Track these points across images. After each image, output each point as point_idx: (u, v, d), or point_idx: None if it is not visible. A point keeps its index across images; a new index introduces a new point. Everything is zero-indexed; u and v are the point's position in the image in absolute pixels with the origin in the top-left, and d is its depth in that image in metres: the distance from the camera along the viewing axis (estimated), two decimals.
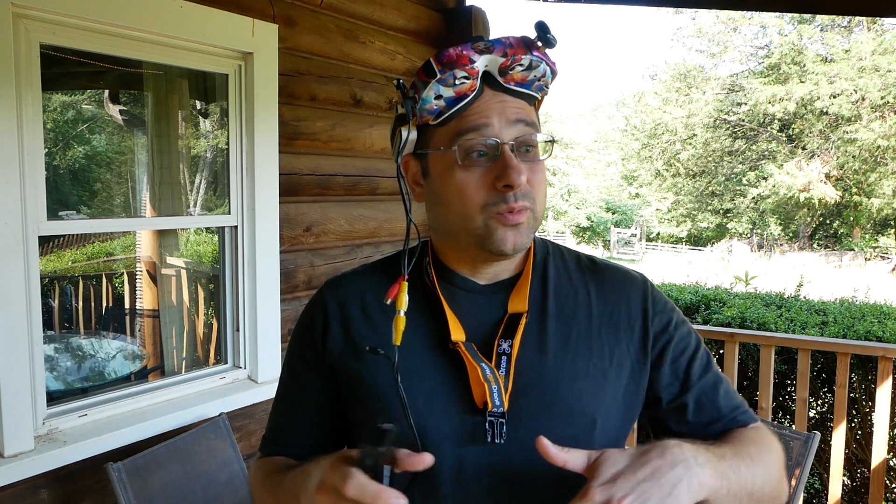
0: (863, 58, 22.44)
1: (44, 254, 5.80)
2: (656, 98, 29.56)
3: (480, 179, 0.77)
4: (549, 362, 0.81)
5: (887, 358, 2.75)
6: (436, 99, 0.77)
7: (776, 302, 4.11)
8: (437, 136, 0.80)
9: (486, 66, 0.77)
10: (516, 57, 0.76)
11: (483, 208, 0.77)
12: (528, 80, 0.79)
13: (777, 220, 29.27)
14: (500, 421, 0.77)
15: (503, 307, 0.83)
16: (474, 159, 0.77)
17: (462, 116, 0.78)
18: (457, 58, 0.76)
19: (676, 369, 0.85)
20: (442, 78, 0.76)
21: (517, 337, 0.80)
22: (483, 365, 0.78)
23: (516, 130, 0.77)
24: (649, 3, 4.16)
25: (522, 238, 0.78)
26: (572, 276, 0.88)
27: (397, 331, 0.77)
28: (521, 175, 0.75)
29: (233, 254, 2.36)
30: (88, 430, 1.90)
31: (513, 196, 0.76)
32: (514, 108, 0.78)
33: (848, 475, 3.34)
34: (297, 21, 2.41)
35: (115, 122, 4.56)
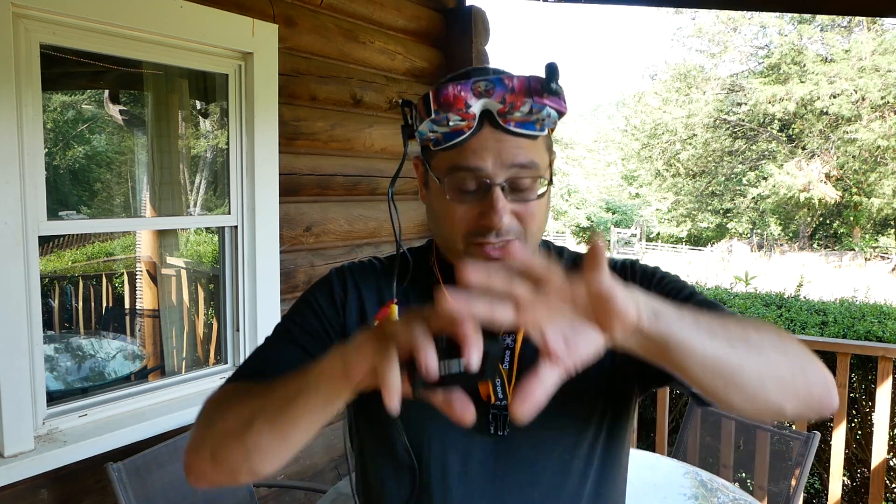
0: (863, 58, 22.44)
1: (44, 254, 5.80)
2: (656, 98, 29.55)
3: (467, 211, 0.78)
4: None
5: (887, 358, 2.75)
6: (431, 133, 0.78)
7: (776, 302, 4.11)
8: (436, 159, 0.81)
9: (483, 108, 0.76)
10: (515, 104, 0.75)
11: (465, 236, 0.78)
12: (531, 120, 0.77)
13: (777, 220, 29.26)
14: (504, 413, 0.79)
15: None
16: (463, 192, 0.78)
17: (458, 150, 0.77)
18: (454, 100, 0.75)
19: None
20: (436, 119, 0.75)
21: (520, 332, 0.81)
22: None
23: (511, 172, 0.77)
24: (649, 3, 4.16)
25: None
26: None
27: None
28: (502, 218, 0.75)
29: (233, 254, 2.36)
30: (88, 430, 1.90)
31: (493, 234, 0.76)
32: (514, 147, 0.77)
33: (848, 475, 3.34)
34: (297, 21, 2.41)
35: (115, 122, 4.56)
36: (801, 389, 0.68)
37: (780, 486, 2.15)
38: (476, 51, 3.07)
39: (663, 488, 1.86)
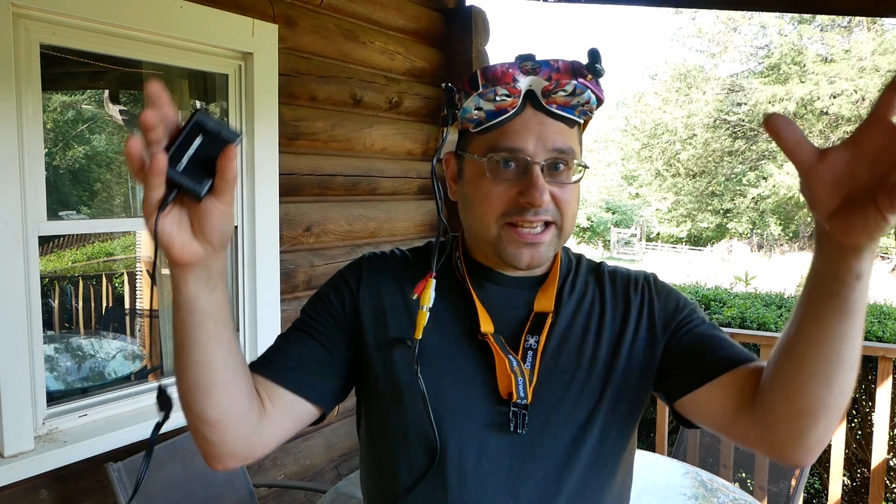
0: (863, 58, 22.45)
1: (44, 254, 5.79)
2: (656, 98, 29.55)
3: (505, 191, 0.79)
4: (568, 351, 0.85)
5: (887, 358, 2.75)
6: (476, 110, 0.80)
7: (776, 302, 4.11)
8: (475, 143, 0.83)
9: (529, 86, 0.79)
10: (560, 82, 0.77)
11: (498, 218, 0.80)
12: (572, 104, 0.80)
13: (777, 220, 29.26)
14: (524, 412, 0.81)
15: (529, 304, 0.87)
16: (503, 170, 0.79)
17: (500, 130, 0.79)
18: (501, 75, 0.77)
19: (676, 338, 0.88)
20: (483, 92, 0.78)
21: (543, 333, 0.84)
22: (510, 357, 0.82)
23: (551, 155, 0.79)
24: (649, 3, 4.16)
25: (541, 256, 0.81)
26: (588, 280, 0.93)
27: (419, 325, 0.80)
28: (543, 195, 0.77)
29: (233, 254, 2.36)
30: (88, 430, 1.90)
31: (532, 212, 0.78)
32: (553, 132, 0.79)
33: (848, 475, 3.34)
34: (297, 21, 2.41)
35: (115, 122, 4.55)
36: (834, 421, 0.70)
37: (780, 486, 2.15)
38: (476, 51, 3.07)
39: (663, 488, 1.86)
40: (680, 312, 0.89)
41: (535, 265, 0.82)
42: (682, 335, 0.87)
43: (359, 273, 0.91)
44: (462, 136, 0.86)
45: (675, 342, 0.87)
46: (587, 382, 0.85)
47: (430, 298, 0.80)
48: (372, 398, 0.89)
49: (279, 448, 2.48)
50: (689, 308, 0.90)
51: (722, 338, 0.86)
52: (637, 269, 0.97)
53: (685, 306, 0.90)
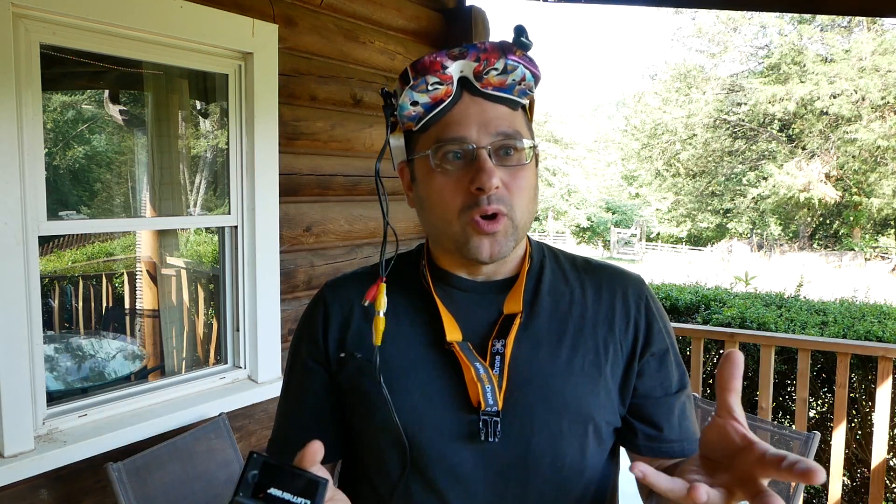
0: (863, 58, 22.45)
1: (44, 254, 5.80)
2: (656, 98, 29.56)
3: (457, 183, 0.77)
4: (543, 358, 0.82)
5: (887, 358, 2.75)
6: (412, 105, 0.78)
7: (776, 302, 4.11)
8: (420, 142, 0.81)
9: (461, 71, 0.77)
10: (489, 61, 0.76)
11: (460, 213, 0.77)
12: (507, 84, 0.78)
13: (777, 220, 29.26)
14: (495, 420, 0.78)
15: (498, 307, 0.84)
16: (451, 161, 0.78)
17: (441, 123, 0.78)
18: (430, 64, 0.76)
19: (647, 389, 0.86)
20: (415, 84, 0.77)
21: (510, 336, 0.80)
22: (477, 364, 0.79)
23: (496, 140, 0.77)
24: (649, 3, 4.15)
25: (500, 247, 0.78)
26: (568, 276, 0.89)
27: (377, 332, 0.79)
28: (492, 178, 0.75)
29: (233, 254, 2.36)
30: (88, 430, 1.90)
31: (486, 199, 0.76)
32: (495, 116, 0.78)
33: (848, 475, 3.34)
34: (297, 21, 2.41)
35: (115, 122, 4.56)
36: None
37: (780, 486, 2.15)
38: None
39: None
40: (663, 353, 0.87)
41: (497, 257, 0.79)
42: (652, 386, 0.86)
43: (325, 309, 0.89)
44: (408, 142, 0.84)
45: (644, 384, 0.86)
46: (566, 390, 0.81)
47: (383, 303, 0.79)
48: (347, 417, 0.88)
49: None
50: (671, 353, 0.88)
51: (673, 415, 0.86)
52: (627, 270, 0.93)
53: (670, 347, 0.88)
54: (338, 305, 0.89)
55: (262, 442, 2.41)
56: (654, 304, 0.89)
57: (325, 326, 0.88)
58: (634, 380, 0.85)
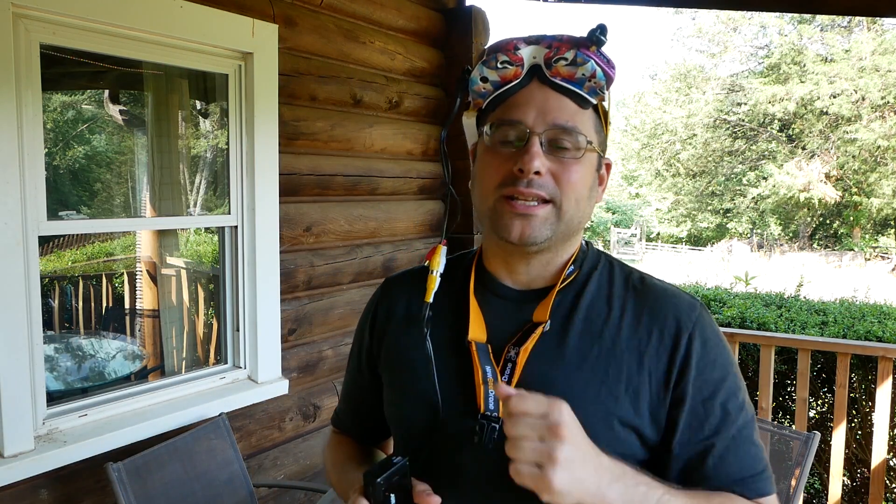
0: (863, 58, 22.44)
1: (44, 254, 5.81)
2: (656, 98, 29.55)
3: (504, 163, 0.78)
4: (559, 379, 0.78)
5: (887, 358, 2.75)
6: (482, 81, 0.81)
7: (776, 302, 4.11)
8: (485, 122, 0.82)
9: (533, 56, 0.78)
10: (560, 50, 0.77)
11: (495, 189, 0.78)
12: (577, 77, 0.78)
13: (777, 220, 29.25)
14: (493, 425, 0.75)
15: (530, 316, 0.83)
16: (504, 143, 0.79)
17: (505, 104, 0.80)
18: (504, 44, 0.79)
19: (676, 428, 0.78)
20: (486, 59, 0.79)
21: (527, 344, 0.79)
22: (487, 367, 0.78)
23: (553, 131, 0.77)
24: (649, 3, 4.15)
25: (533, 230, 0.76)
26: (614, 293, 0.83)
27: (429, 289, 0.85)
28: (534, 161, 0.75)
29: (233, 254, 2.36)
30: (88, 430, 1.90)
31: (524, 182, 0.75)
32: (556, 106, 0.78)
33: (848, 475, 3.34)
34: (297, 21, 2.41)
35: (115, 122, 4.56)
36: None
37: (780, 486, 2.15)
38: (476, 51, 3.07)
39: None
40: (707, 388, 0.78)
41: (528, 240, 0.76)
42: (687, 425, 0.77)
43: (375, 307, 0.97)
44: (478, 122, 0.85)
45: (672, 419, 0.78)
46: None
47: (439, 263, 0.85)
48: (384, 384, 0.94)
49: (279, 448, 2.49)
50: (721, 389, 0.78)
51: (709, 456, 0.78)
52: (682, 293, 0.83)
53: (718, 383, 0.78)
54: (385, 307, 0.95)
55: (262, 442, 2.41)
56: (703, 335, 0.79)
57: (372, 323, 0.95)
58: (665, 415, 0.78)
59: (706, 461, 0.78)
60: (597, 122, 0.81)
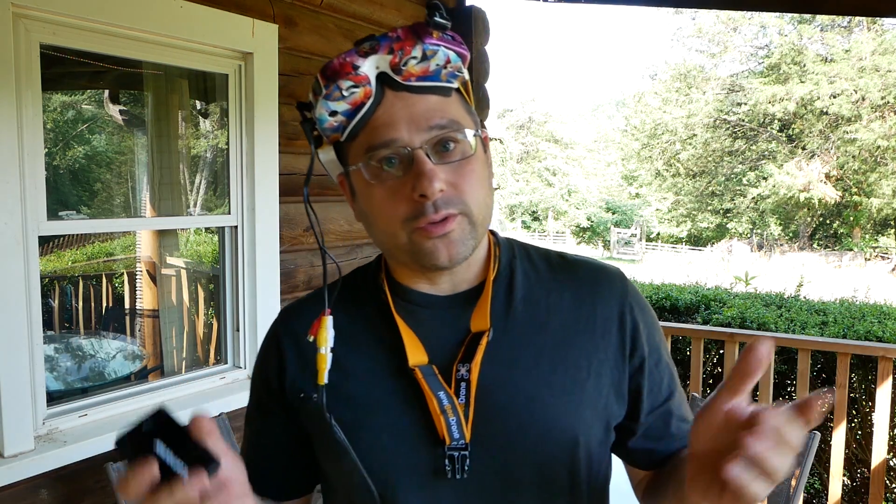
0: (863, 58, 22.45)
1: (44, 254, 5.79)
2: (656, 98, 29.57)
3: (398, 192, 0.69)
4: (520, 380, 0.73)
5: (887, 358, 2.75)
6: (331, 116, 0.70)
7: (776, 302, 4.11)
8: (351, 152, 0.73)
9: (376, 67, 0.69)
10: (405, 50, 0.68)
11: (404, 223, 0.69)
12: (431, 71, 0.69)
13: (777, 220, 29.27)
14: (463, 454, 0.70)
15: (466, 324, 0.75)
16: (386, 171, 0.69)
17: (368, 127, 0.70)
18: (339, 67, 0.68)
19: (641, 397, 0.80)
20: (327, 93, 0.68)
21: (476, 359, 0.72)
22: (441, 394, 0.71)
23: (431, 135, 0.69)
24: (649, 3, 4.16)
25: (457, 248, 0.70)
26: (543, 277, 0.80)
27: (320, 371, 0.71)
28: (433, 182, 0.66)
29: (233, 254, 2.36)
30: (88, 430, 1.90)
31: (431, 206, 0.67)
32: (425, 109, 0.69)
33: (848, 475, 3.34)
34: (297, 21, 2.41)
35: (115, 122, 4.56)
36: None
37: (780, 486, 2.15)
38: (476, 51, 3.07)
39: None
40: (655, 352, 0.80)
41: (456, 260, 0.70)
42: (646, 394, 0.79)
43: (278, 346, 0.81)
44: (339, 152, 0.75)
45: (636, 392, 0.79)
46: (544, 421, 0.73)
47: (326, 339, 0.72)
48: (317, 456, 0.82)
49: None
50: (661, 354, 0.82)
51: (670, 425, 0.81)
52: (605, 265, 0.84)
53: (660, 346, 0.82)
54: (290, 339, 0.80)
55: None
56: (637, 301, 0.81)
57: (279, 364, 0.80)
58: (626, 388, 0.79)
59: (670, 425, 0.81)
60: (464, 103, 0.75)
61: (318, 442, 0.78)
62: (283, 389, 0.79)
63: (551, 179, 41.57)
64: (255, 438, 0.85)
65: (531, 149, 43.78)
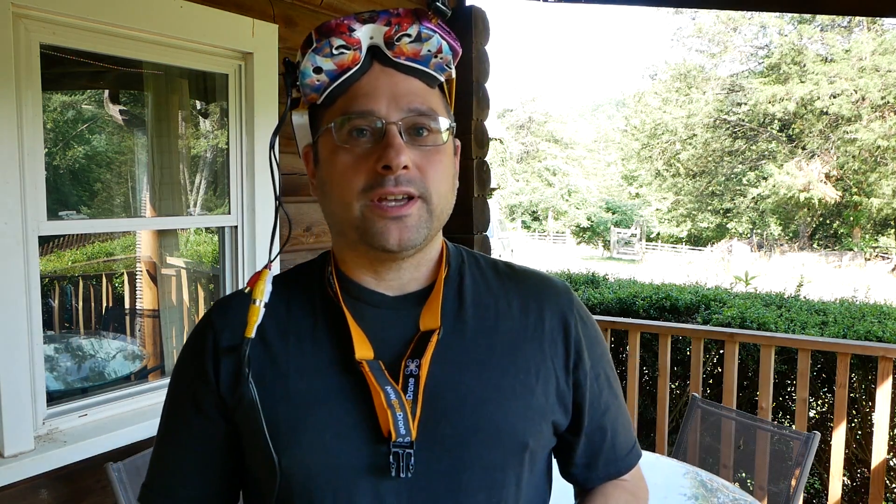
0: (863, 58, 22.44)
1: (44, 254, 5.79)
2: (656, 98, 29.56)
3: (362, 162, 0.68)
4: (470, 381, 0.73)
5: (887, 358, 2.75)
6: (315, 73, 0.70)
7: (776, 302, 4.11)
8: (324, 118, 0.72)
9: (370, 37, 0.69)
10: (401, 26, 0.68)
11: (361, 193, 0.68)
12: (422, 55, 0.70)
13: (777, 220, 29.26)
14: (408, 452, 0.68)
15: (415, 323, 0.74)
16: (356, 138, 0.69)
17: (348, 94, 0.70)
18: (335, 26, 0.68)
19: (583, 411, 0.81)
20: (318, 47, 0.68)
21: (426, 356, 0.71)
22: (388, 388, 0.69)
23: (408, 117, 0.69)
24: (649, 3, 4.16)
25: (410, 233, 0.69)
26: (491, 284, 0.80)
27: (250, 322, 0.71)
28: (400, 155, 0.66)
29: (233, 254, 2.36)
30: (88, 430, 1.90)
31: (392, 180, 0.67)
32: (408, 90, 0.70)
33: (848, 475, 3.34)
34: (297, 21, 2.41)
35: (115, 122, 4.56)
36: None
37: (780, 486, 2.15)
38: (476, 51, 3.07)
39: (663, 488, 1.86)
40: (596, 365, 0.81)
41: (406, 245, 0.69)
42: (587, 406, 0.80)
43: (214, 337, 0.77)
44: (312, 118, 0.75)
45: (579, 404, 0.80)
46: (491, 419, 0.72)
47: (262, 292, 0.71)
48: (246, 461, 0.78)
49: None
50: (603, 368, 0.83)
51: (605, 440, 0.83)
52: (552, 278, 0.85)
53: (601, 358, 0.83)
54: (229, 332, 0.76)
55: None
56: (582, 314, 0.82)
57: (215, 358, 0.76)
58: (570, 399, 0.79)
59: (605, 439, 0.83)
60: (444, 100, 0.75)
61: (253, 444, 0.73)
62: (219, 385, 0.75)
63: (551, 179, 41.56)
64: (177, 440, 0.79)
65: (531, 149, 43.79)
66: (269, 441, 0.69)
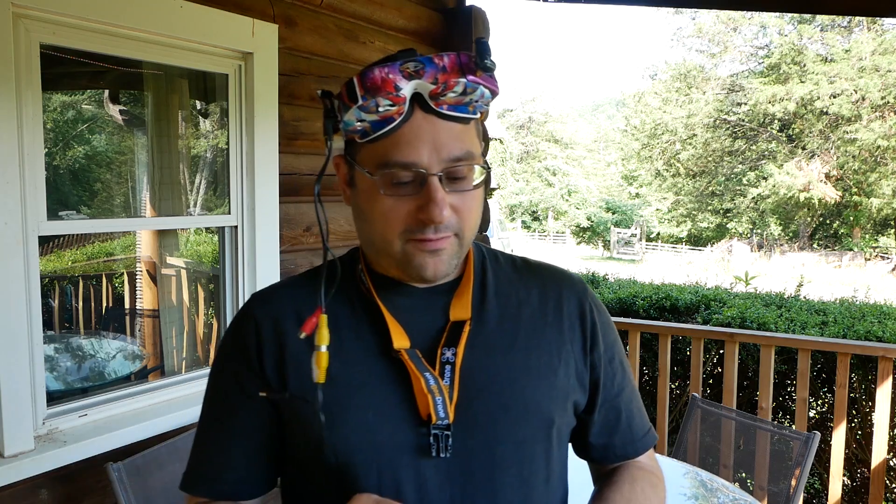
0: (863, 58, 22.44)
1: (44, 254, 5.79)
2: (656, 98, 29.55)
3: (403, 207, 0.72)
4: (499, 362, 0.79)
5: (887, 358, 2.75)
6: (359, 122, 0.72)
7: (776, 302, 4.11)
8: (364, 153, 0.75)
9: (414, 90, 0.71)
10: (448, 83, 0.70)
11: (402, 233, 0.73)
12: (464, 102, 0.72)
13: (777, 220, 29.25)
14: (446, 434, 0.73)
15: (444, 313, 0.80)
16: (398, 186, 0.72)
17: (390, 140, 0.72)
18: (381, 83, 0.69)
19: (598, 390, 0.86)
20: (364, 105, 0.70)
21: (461, 345, 0.76)
22: (427, 375, 0.74)
23: (448, 164, 0.72)
24: (649, 3, 4.16)
25: (444, 265, 0.75)
26: (511, 277, 0.87)
27: (321, 369, 0.72)
28: (443, 210, 0.71)
29: (233, 254, 2.36)
30: (88, 430, 1.90)
31: (433, 229, 0.72)
32: (448, 138, 0.72)
33: (848, 475, 3.34)
34: (297, 21, 2.41)
35: (115, 122, 4.56)
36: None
37: (780, 486, 2.15)
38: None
39: None
40: (610, 349, 0.87)
41: (440, 276, 0.76)
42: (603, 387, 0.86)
43: (257, 327, 0.81)
44: (349, 143, 0.78)
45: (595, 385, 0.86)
46: (521, 397, 0.79)
47: (325, 337, 0.72)
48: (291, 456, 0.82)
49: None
50: (617, 353, 0.89)
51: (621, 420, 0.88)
52: (567, 270, 0.92)
53: (615, 345, 0.89)
54: (270, 323, 0.80)
55: None
56: (596, 303, 0.89)
57: (258, 348, 0.80)
58: (588, 379, 0.85)
59: (620, 419, 0.88)
60: (479, 129, 0.78)
61: (299, 430, 0.78)
62: (264, 374, 0.79)
63: (551, 179, 41.57)
64: (223, 427, 0.83)
65: (531, 149, 43.79)
66: (322, 419, 0.72)
